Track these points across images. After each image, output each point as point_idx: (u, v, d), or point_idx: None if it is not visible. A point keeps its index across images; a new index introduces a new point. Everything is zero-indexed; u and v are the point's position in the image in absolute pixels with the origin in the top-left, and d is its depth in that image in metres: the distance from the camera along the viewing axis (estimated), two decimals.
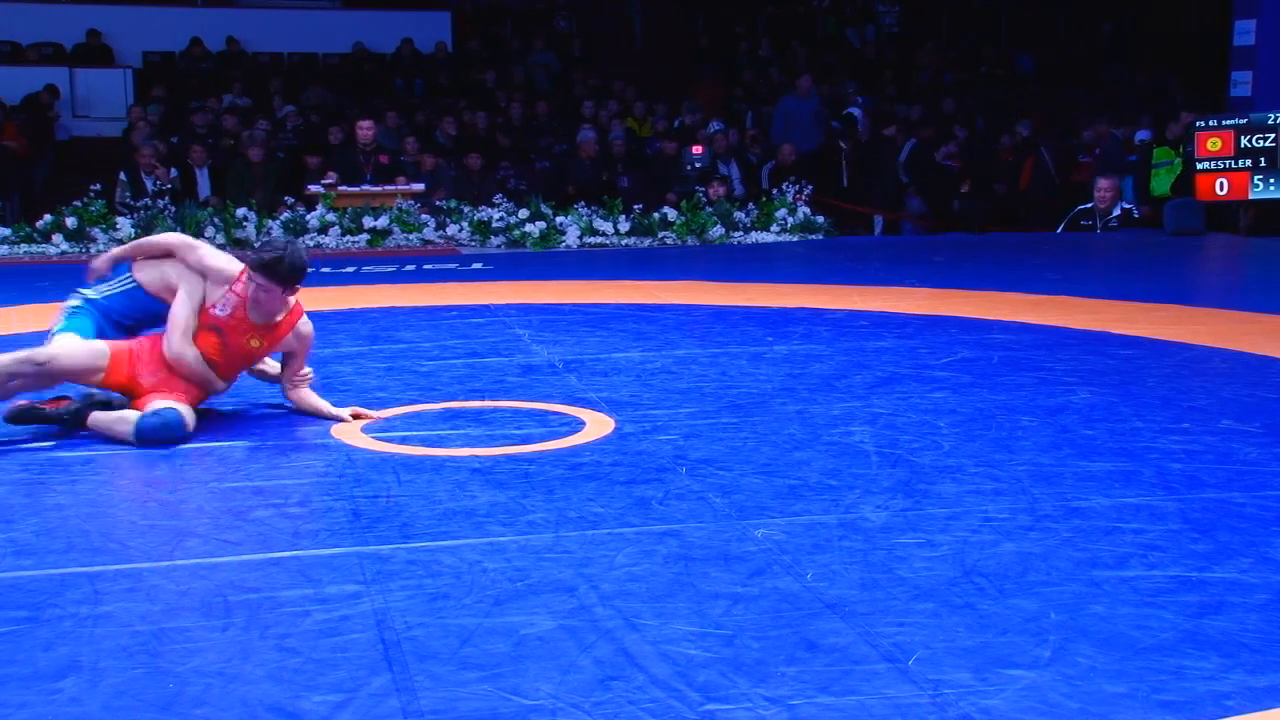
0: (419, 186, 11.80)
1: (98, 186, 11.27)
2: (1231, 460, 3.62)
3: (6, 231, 10.80)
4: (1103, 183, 11.12)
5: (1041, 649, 2.33)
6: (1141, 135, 12.65)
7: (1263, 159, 10.56)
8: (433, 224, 11.26)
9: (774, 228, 11.52)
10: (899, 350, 5.47)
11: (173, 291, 4.27)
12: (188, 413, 4.06)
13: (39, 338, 6.12)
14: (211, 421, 4.30)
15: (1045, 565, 2.77)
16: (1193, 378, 4.79)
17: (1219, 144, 10.82)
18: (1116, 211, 11.02)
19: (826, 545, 2.92)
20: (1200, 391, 4.53)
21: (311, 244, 10.91)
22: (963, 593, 2.61)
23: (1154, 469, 3.53)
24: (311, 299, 5.23)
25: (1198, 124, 11.07)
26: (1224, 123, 10.88)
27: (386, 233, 10.99)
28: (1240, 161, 10.64)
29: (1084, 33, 18.30)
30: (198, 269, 4.27)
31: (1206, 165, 10.85)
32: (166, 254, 4.41)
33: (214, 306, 4.21)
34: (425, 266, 9.38)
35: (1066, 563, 2.79)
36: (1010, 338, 5.71)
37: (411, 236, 10.99)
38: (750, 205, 11.84)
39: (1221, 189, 10.78)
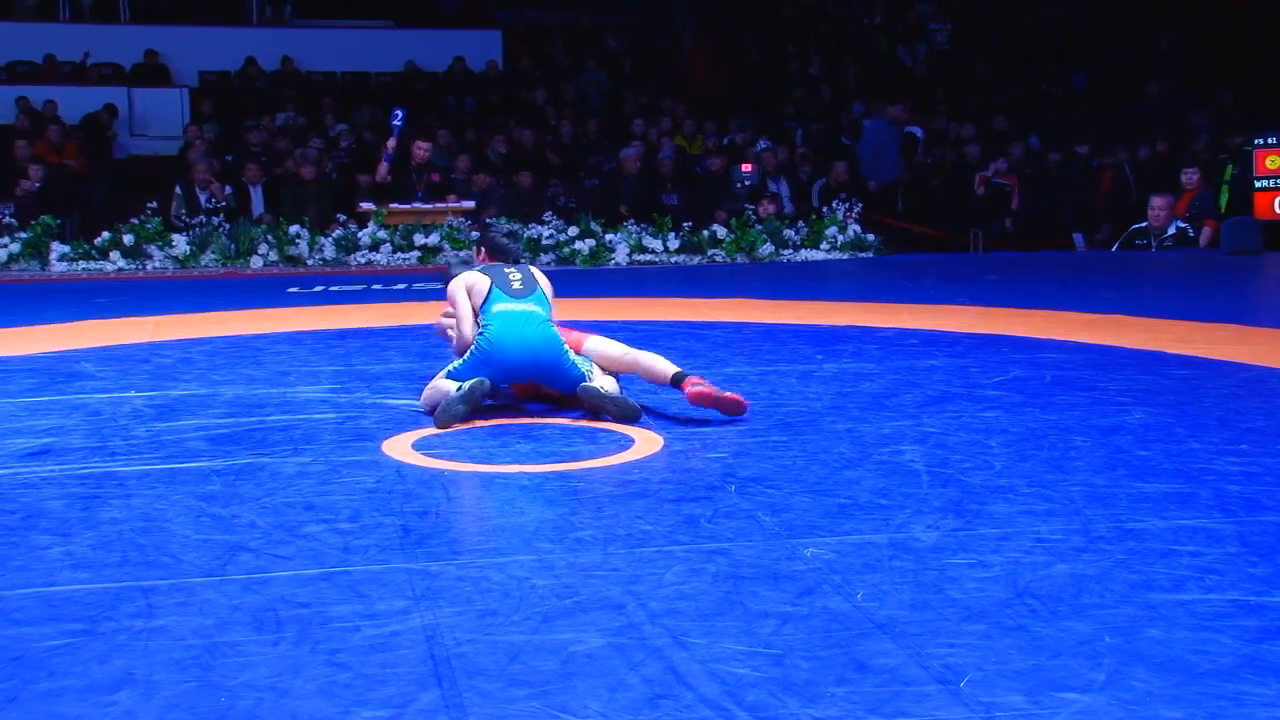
0: (470, 204, 11.90)
1: (154, 204, 11.45)
2: None
3: (66, 249, 11.00)
4: (1157, 201, 11.02)
5: (1096, 672, 2.30)
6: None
7: None
8: None
9: (824, 245, 11.51)
10: (950, 369, 5.43)
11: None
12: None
13: (95, 354, 6.23)
14: (262, 437, 4.34)
15: (1099, 587, 2.73)
16: (1250, 398, 4.72)
17: (1278, 162, 10.69)
18: (1171, 230, 10.91)
19: (877, 565, 2.89)
20: (1258, 412, 4.46)
21: (363, 261, 11.03)
22: (1015, 614, 2.58)
23: (1211, 491, 3.48)
24: (362, 316, 5.29)
25: (1256, 141, 10.93)
26: None
27: (437, 250, 11.09)
28: None
29: (1139, 50, 18.14)
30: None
31: (1265, 183, 10.71)
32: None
33: None
34: None
35: (1121, 585, 2.75)
36: (1063, 357, 5.65)
37: (462, 253, 11.07)
38: (800, 223, 11.84)
39: None
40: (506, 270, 4.81)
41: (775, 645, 2.43)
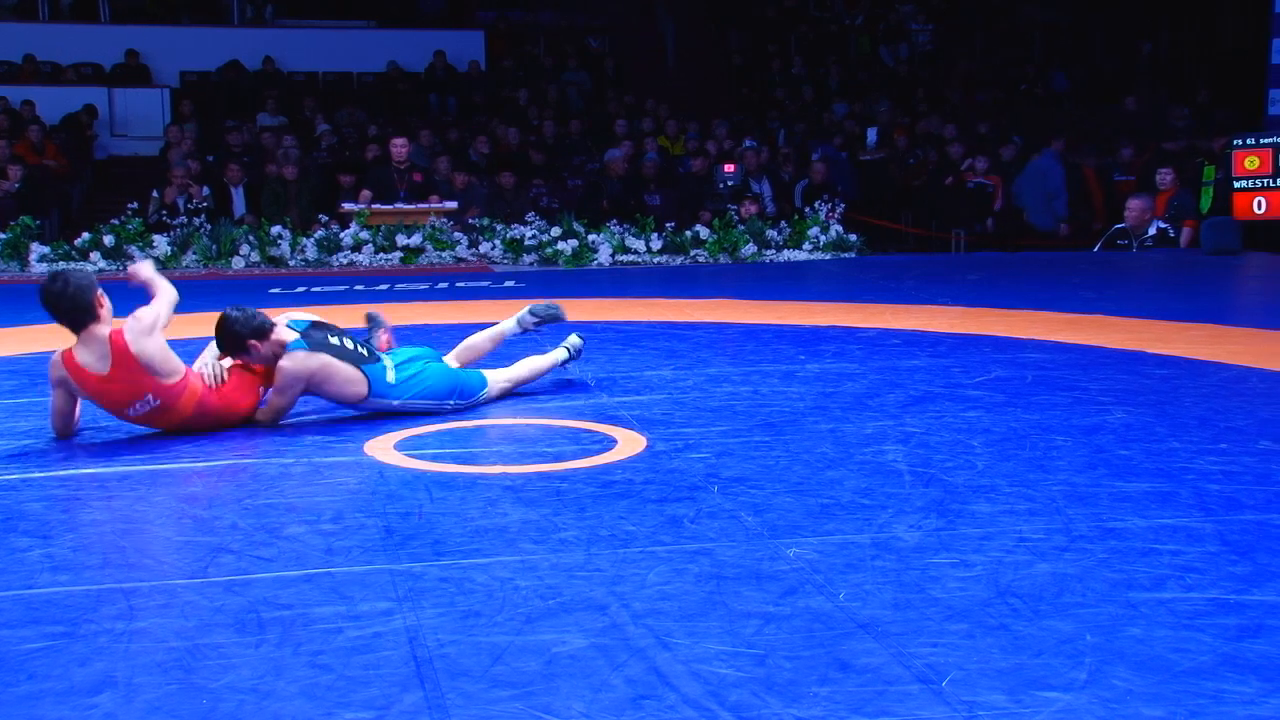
0: (452, 204, 11.88)
1: (134, 205, 11.41)
2: (1270, 481, 3.58)
3: (45, 249, 10.94)
4: (1133, 202, 11.07)
5: (1077, 671, 2.31)
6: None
7: None
8: (465, 242, 11.33)
9: (806, 246, 11.52)
10: (932, 369, 5.44)
11: None
12: None
13: None
14: (244, 439, 4.33)
15: (1081, 586, 2.75)
16: (1230, 398, 4.74)
17: (1257, 162, 10.74)
18: (1151, 231, 10.96)
19: (859, 565, 2.90)
20: (1238, 412, 4.49)
21: (345, 261, 10.99)
22: (997, 613, 2.59)
23: (1191, 490, 3.50)
24: (344, 316, 5.28)
25: (1235, 142, 10.98)
26: (1262, 141, 10.80)
27: (420, 250, 11.06)
28: (1279, 180, 10.56)
29: (1119, 52, 18.23)
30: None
31: (1244, 184, 10.77)
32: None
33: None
34: (458, 284, 9.43)
35: (1102, 584, 2.76)
36: (1045, 357, 5.67)
37: (444, 254, 11.06)
38: (782, 223, 11.85)
39: (1260, 208, 10.70)
40: (340, 341, 4.64)
41: (758, 645, 2.44)
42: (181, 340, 6.69)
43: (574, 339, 5.25)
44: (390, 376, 4.63)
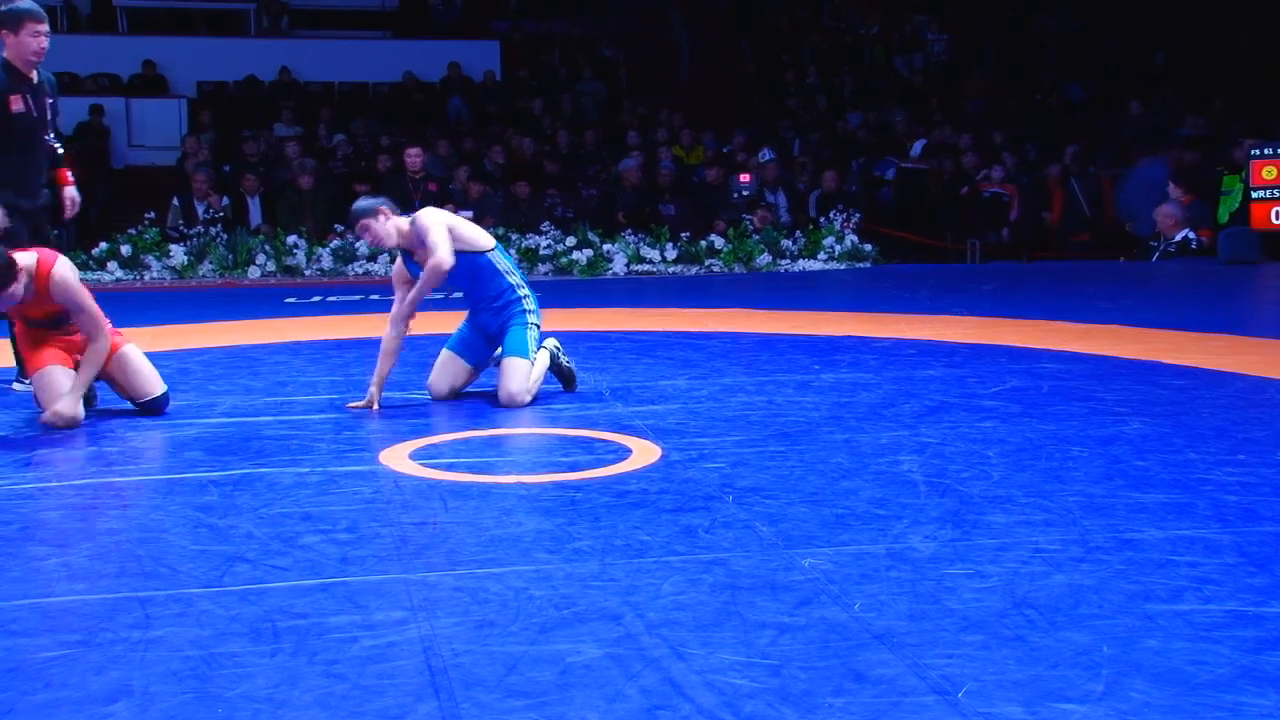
0: (467, 214, 11.89)
1: (152, 215, 11.46)
2: None
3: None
4: (1163, 209, 11.09)
5: (1094, 683, 2.30)
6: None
7: None
8: None
9: (821, 255, 11.52)
10: (947, 379, 5.43)
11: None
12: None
13: None
14: (260, 447, 4.34)
15: (1097, 598, 2.73)
16: (1248, 409, 4.72)
17: (1274, 172, 10.71)
18: (1177, 237, 10.96)
19: (874, 575, 2.90)
20: (1256, 423, 4.47)
21: (361, 271, 11.02)
22: (1013, 624, 2.58)
23: (1208, 501, 3.48)
24: (360, 326, 5.29)
25: (1253, 152, 10.95)
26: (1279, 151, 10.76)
27: None
28: None
29: (1134, 61, 18.19)
30: None
31: (1262, 194, 10.73)
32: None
33: None
34: None
35: (1119, 595, 2.75)
36: (1060, 367, 5.66)
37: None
38: (797, 233, 11.85)
39: (1278, 218, 10.66)
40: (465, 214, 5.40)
41: (773, 656, 2.43)
42: (198, 349, 6.73)
43: (549, 342, 5.34)
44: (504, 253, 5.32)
